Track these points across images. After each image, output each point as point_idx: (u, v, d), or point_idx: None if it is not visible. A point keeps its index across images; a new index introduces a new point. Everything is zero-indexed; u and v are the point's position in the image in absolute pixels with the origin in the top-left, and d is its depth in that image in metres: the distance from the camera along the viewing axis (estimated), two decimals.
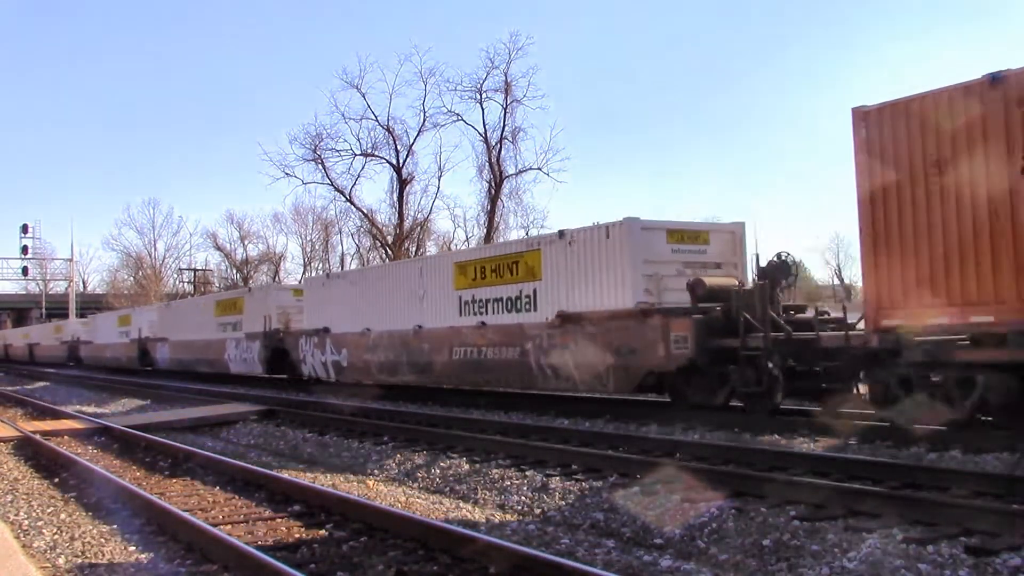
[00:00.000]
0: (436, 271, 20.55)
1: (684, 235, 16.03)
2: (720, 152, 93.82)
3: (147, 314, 42.05)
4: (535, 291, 17.25)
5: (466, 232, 55.30)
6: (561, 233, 16.69)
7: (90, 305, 72.33)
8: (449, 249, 52.10)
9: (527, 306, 17.45)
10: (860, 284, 13.40)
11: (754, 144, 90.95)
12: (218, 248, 74.76)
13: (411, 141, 49.37)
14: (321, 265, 68.79)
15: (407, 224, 50.84)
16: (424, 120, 48.71)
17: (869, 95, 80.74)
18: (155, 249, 79.79)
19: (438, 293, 20.19)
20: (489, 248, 18.67)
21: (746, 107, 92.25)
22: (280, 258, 73.69)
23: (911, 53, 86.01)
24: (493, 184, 48.20)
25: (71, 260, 75.77)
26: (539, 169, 47.51)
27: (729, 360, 13.69)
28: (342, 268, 62.85)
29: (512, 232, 48.27)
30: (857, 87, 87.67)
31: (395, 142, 49.22)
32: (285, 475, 10.17)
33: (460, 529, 7.03)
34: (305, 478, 10.48)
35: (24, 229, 69.24)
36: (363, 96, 49.86)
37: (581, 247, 16.23)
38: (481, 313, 18.76)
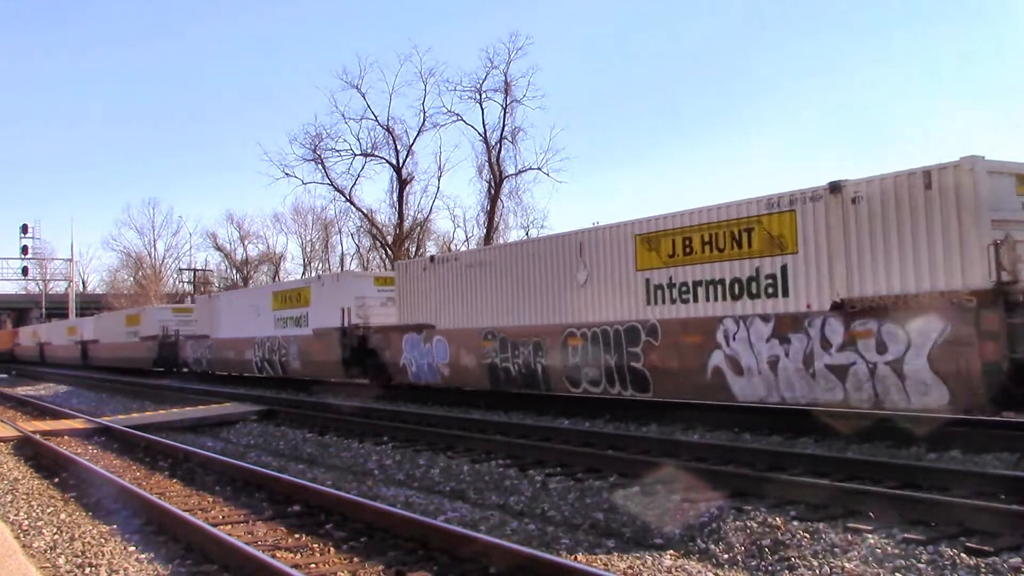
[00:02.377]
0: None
1: None
2: (721, 151, 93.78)
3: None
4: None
5: (466, 232, 55.38)
6: (835, 186, 12.09)
7: (90, 305, 72.35)
8: (449, 249, 52.14)
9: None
10: None
11: (755, 144, 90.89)
12: (218, 248, 74.89)
13: (411, 141, 49.43)
14: (321, 265, 68.85)
15: (407, 224, 50.87)
16: (424, 120, 48.78)
17: (868, 95, 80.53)
18: (155, 249, 79.96)
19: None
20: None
21: (747, 107, 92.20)
22: (280, 258, 73.77)
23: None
24: (493, 184, 48.23)
25: (71, 260, 75.80)
26: (539, 169, 47.58)
27: None
28: (342, 268, 62.92)
29: (512, 232, 48.35)
30: (856, 86, 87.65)
31: (395, 142, 49.28)
32: (285, 475, 10.17)
33: (460, 529, 7.03)
34: (305, 478, 10.47)
35: (24, 229, 69.25)
36: (363, 96, 50.12)
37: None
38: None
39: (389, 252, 50.41)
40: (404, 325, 21.03)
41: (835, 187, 12.12)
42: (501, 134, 47.72)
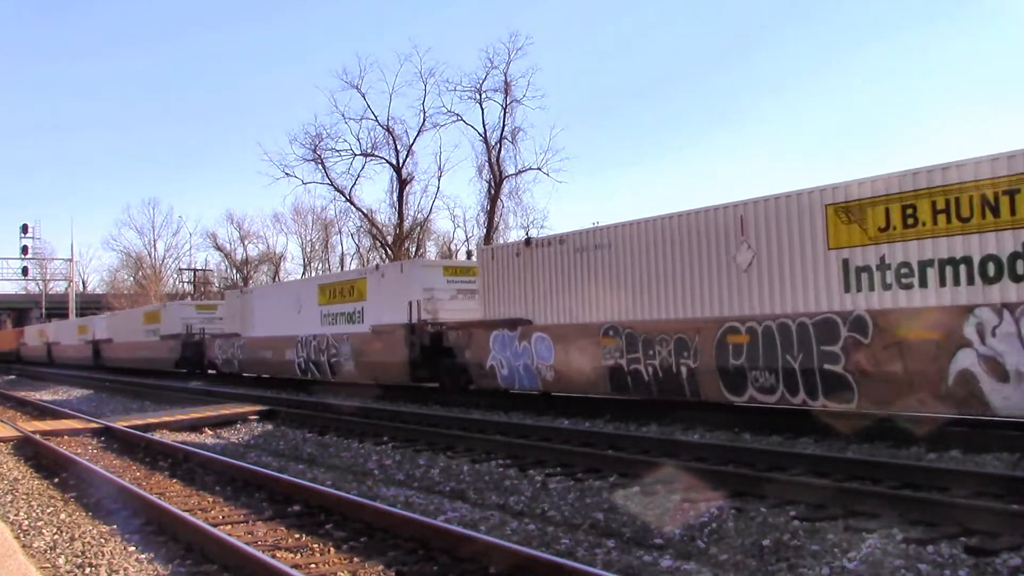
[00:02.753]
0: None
1: None
2: (721, 151, 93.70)
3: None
4: None
5: (466, 232, 55.41)
6: None
7: (90, 305, 72.40)
8: (449, 251, 52.17)
9: None
10: None
11: (755, 143, 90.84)
12: (218, 248, 74.96)
13: (411, 141, 49.49)
14: (321, 265, 68.88)
15: (407, 224, 50.91)
16: (424, 120, 48.85)
17: (864, 93, 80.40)
18: (155, 249, 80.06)
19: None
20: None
21: (747, 106, 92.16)
22: (280, 258, 73.80)
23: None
24: (493, 184, 48.25)
25: (71, 260, 75.88)
26: (539, 169, 47.63)
27: None
28: (342, 268, 62.88)
29: (512, 232, 48.34)
30: (856, 86, 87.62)
31: (395, 142, 49.34)
32: (285, 475, 10.17)
33: (460, 529, 7.03)
34: (305, 478, 10.47)
35: (24, 229, 69.28)
36: (363, 96, 50.12)
37: None
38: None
39: (389, 252, 50.43)
40: (493, 320, 17.82)
41: None
42: (501, 134, 47.81)
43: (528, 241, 17.74)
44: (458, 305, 20.65)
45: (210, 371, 33.66)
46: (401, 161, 49.56)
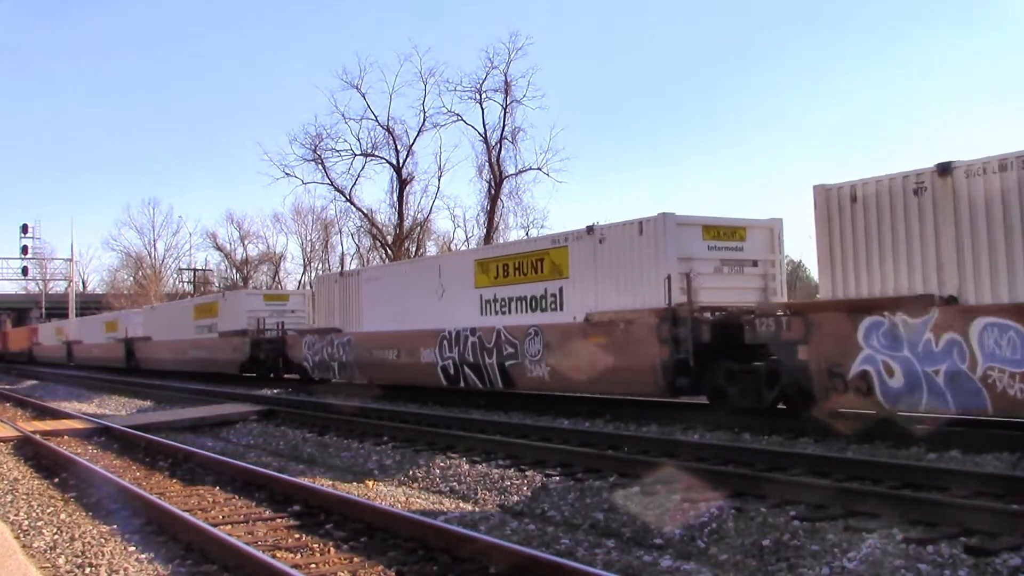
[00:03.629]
0: None
1: None
2: (721, 151, 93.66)
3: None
4: None
5: (466, 232, 55.41)
6: None
7: (90, 305, 72.40)
8: (449, 249, 52.17)
9: None
10: None
11: (755, 143, 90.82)
12: (218, 248, 74.93)
13: (411, 141, 49.48)
14: (321, 265, 68.89)
15: (407, 224, 50.91)
16: (424, 120, 48.83)
17: (864, 90, 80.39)
18: (155, 249, 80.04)
19: None
20: None
21: (746, 107, 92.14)
22: (280, 258, 73.78)
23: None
24: (493, 184, 48.27)
25: (71, 260, 75.83)
26: (539, 169, 47.61)
27: None
28: (342, 269, 62.91)
29: (512, 232, 48.32)
30: (856, 86, 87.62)
31: (395, 142, 49.34)
32: (285, 475, 10.17)
33: (460, 529, 7.03)
34: (305, 478, 10.47)
35: (24, 229, 69.24)
36: (363, 96, 50.01)
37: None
38: None
39: (389, 252, 50.44)
40: (863, 300, 11.55)
41: None
42: (501, 134, 47.80)
43: (946, 167, 10.85)
44: (723, 282, 14.95)
45: (289, 375, 28.11)
46: (401, 161, 49.60)
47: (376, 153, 49.45)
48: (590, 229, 16.15)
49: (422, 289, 20.57)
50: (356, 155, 49.06)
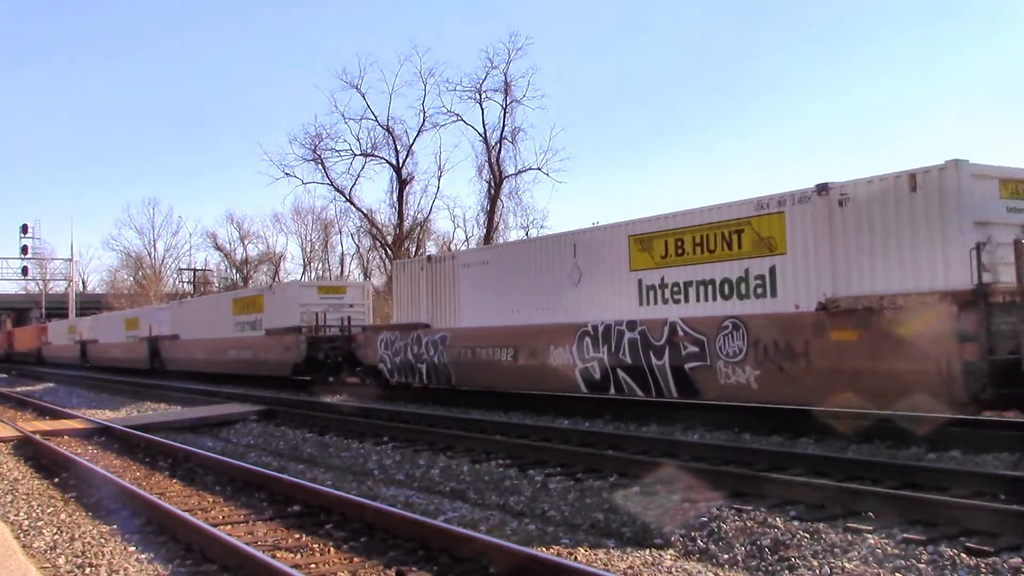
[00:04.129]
0: None
1: None
2: (721, 151, 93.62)
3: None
4: None
5: (466, 232, 55.41)
6: None
7: (90, 305, 72.35)
8: (449, 251, 52.14)
9: None
10: None
11: (756, 143, 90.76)
12: (218, 248, 74.90)
13: (411, 141, 49.52)
14: (321, 265, 68.90)
15: (407, 224, 50.92)
16: (424, 120, 48.88)
17: (865, 92, 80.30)
18: (155, 249, 80.00)
19: None
20: None
21: (747, 106, 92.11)
22: (280, 258, 73.75)
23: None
24: (493, 184, 48.31)
25: (71, 260, 75.84)
26: (539, 169, 47.64)
27: None
28: (342, 268, 62.96)
29: (512, 232, 48.30)
30: (856, 86, 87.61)
31: (395, 142, 49.37)
32: (285, 475, 10.17)
33: (460, 529, 7.03)
34: (305, 478, 10.47)
35: (24, 229, 69.28)
36: (363, 96, 50.21)
37: None
38: None
39: (389, 252, 50.45)
40: None
41: None
42: (501, 134, 47.85)
43: None
44: None
45: (352, 379, 24.79)
46: (401, 161, 49.63)
47: (376, 153, 49.53)
48: (822, 188, 12.29)
49: (548, 274, 16.96)
50: (356, 155, 49.13)
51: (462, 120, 48.86)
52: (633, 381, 14.92)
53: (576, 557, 6.77)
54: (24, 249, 69.75)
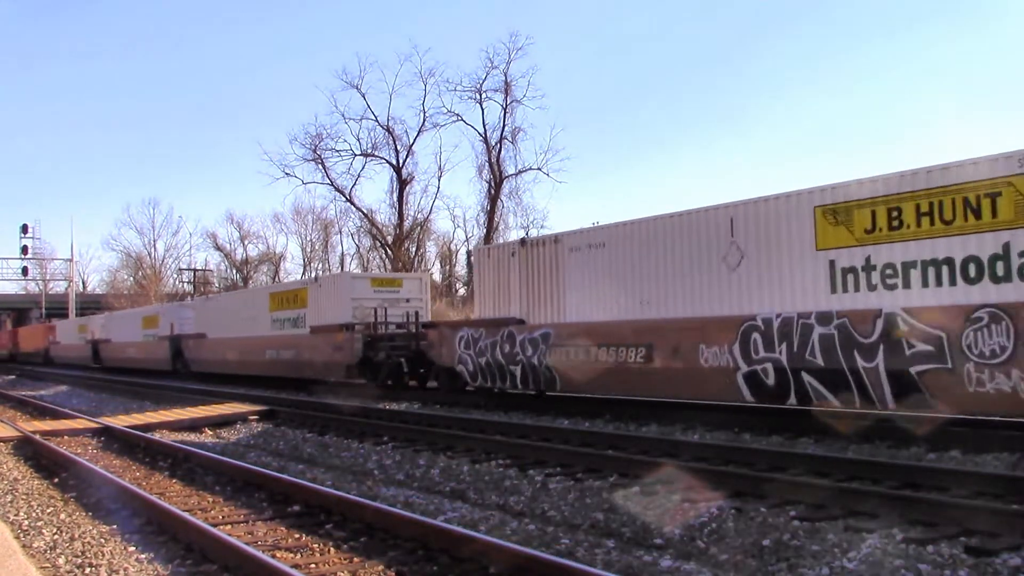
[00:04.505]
0: None
1: None
2: (719, 150, 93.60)
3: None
4: None
5: (466, 232, 55.46)
6: None
7: (90, 305, 72.35)
8: (449, 251, 52.10)
9: None
10: None
11: (756, 143, 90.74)
12: (218, 248, 74.98)
13: (411, 141, 49.61)
14: (321, 265, 68.91)
15: (407, 224, 50.95)
16: (424, 120, 49.00)
17: (866, 92, 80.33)
18: (155, 249, 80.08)
19: None
20: None
21: (747, 106, 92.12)
22: (280, 258, 73.76)
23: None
24: (493, 184, 48.36)
25: (71, 260, 75.88)
26: (539, 169, 47.72)
27: None
28: (342, 269, 62.90)
29: (512, 232, 48.31)
30: (849, 82, 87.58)
31: (395, 142, 49.46)
32: (285, 475, 10.17)
33: (460, 529, 7.03)
34: (305, 478, 10.47)
35: (24, 229, 69.32)
36: (363, 96, 50.32)
37: None
38: None
39: (389, 252, 50.47)
40: None
41: None
42: (501, 134, 47.95)
43: None
44: None
45: (431, 384, 21.83)
46: (401, 161, 49.70)
47: (376, 153, 49.62)
48: None
49: (691, 256, 14.38)
50: (356, 155, 49.23)
51: (462, 120, 49.02)
52: (824, 388, 12.24)
53: (576, 557, 6.76)
54: (24, 249, 69.81)
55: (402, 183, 49.83)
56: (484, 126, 48.42)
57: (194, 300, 39.09)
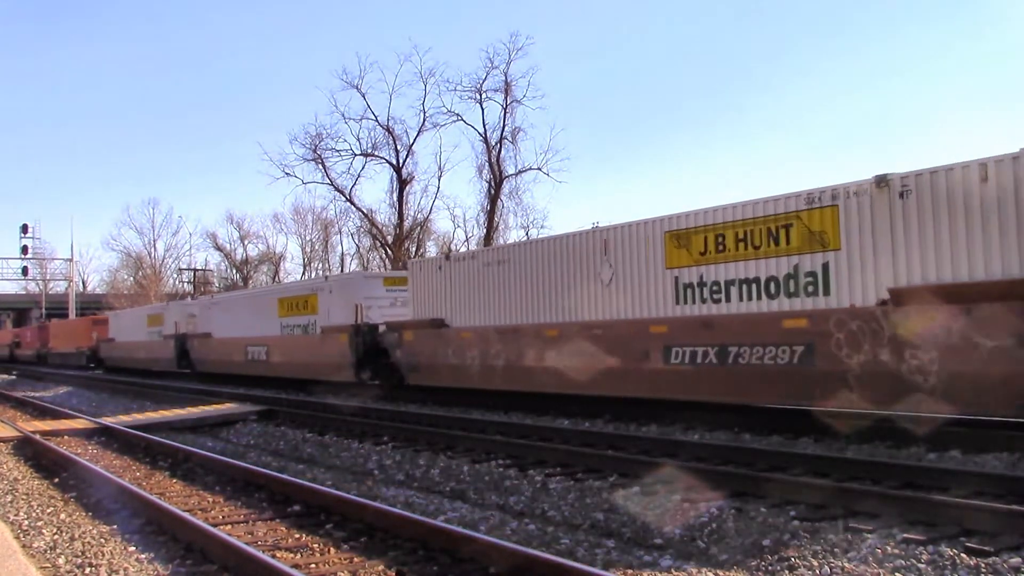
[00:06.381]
0: None
1: None
2: (718, 151, 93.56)
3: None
4: None
5: (466, 232, 55.44)
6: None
7: (90, 305, 72.37)
8: (449, 251, 52.12)
9: None
10: None
11: (756, 144, 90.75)
12: (218, 248, 74.93)
13: (411, 141, 49.54)
14: (321, 265, 68.91)
15: (407, 224, 50.93)
16: (424, 120, 48.91)
17: (867, 94, 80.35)
18: (155, 249, 80.00)
19: None
20: None
21: (747, 106, 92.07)
22: (280, 258, 73.76)
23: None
24: (493, 184, 48.32)
25: (71, 260, 75.87)
26: (539, 169, 47.68)
27: None
28: (342, 269, 62.90)
29: (512, 232, 48.30)
30: (849, 82, 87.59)
31: (395, 142, 49.39)
32: (285, 475, 10.17)
33: (460, 529, 7.03)
34: (305, 478, 10.47)
35: (24, 229, 69.33)
36: (363, 96, 50.12)
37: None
38: None
39: (389, 252, 50.46)
40: None
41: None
42: (501, 134, 47.87)
43: None
44: None
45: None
46: (401, 161, 49.64)
47: (376, 153, 49.55)
48: None
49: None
50: (356, 155, 49.16)
51: (462, 120, 48.93)
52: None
53: (576, 557, 6.77)
54: (24, 249, 69.82)
55: (402, 183, 49.80)
56: (484, 126, 48.40)
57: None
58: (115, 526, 7.99)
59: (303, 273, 69.10)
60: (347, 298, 23.12)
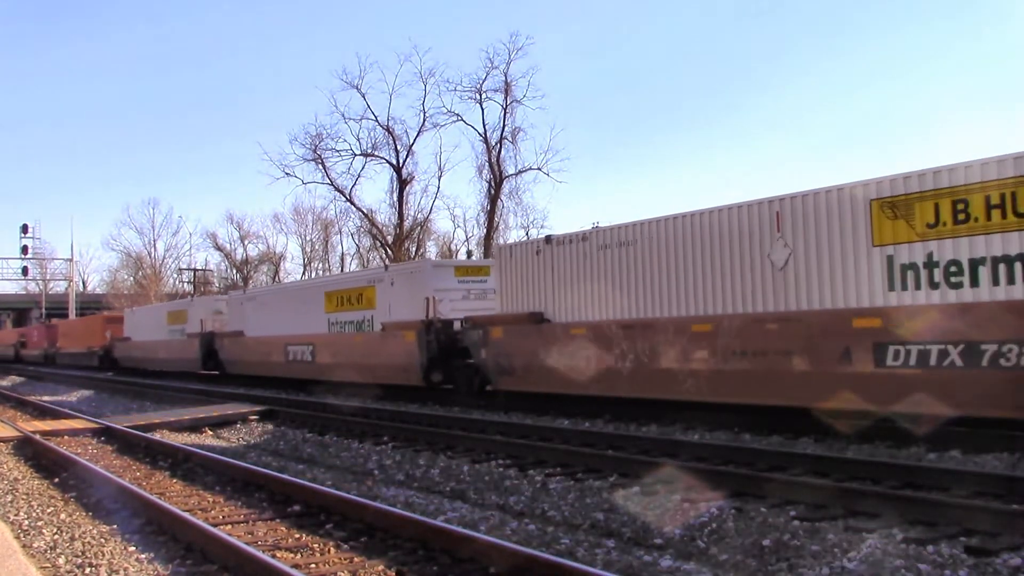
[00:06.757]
0: None
1: None
2: (718, 151, 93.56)
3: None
4: None
5: (466, 232, 55.47)
6: None
7: (90, 305, 72.36)
8: (449, 251, 52.15)
9: None
10: None
11: (757, 144, 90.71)
12: (218, 248, 74.98)
13: (411, 141, 49.57)
14: (321, 265, 68.92)
15: (407, 224, 50.94)
16: (424, 120, 48.96)
17: (856, 86, 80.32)
18: (155, 249, 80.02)
19: None
20: None
21: (747, 106, 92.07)
22: (280, 258, 73.75)
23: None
24: (493, 184, 48.33)
25: (71, 260, 75.89)
26: (539, 169, 47.72)
27: None
28: (342, 269, 62.86)
29: (512, 232, 48.29)
30: (849, 82, 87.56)
31: (395, 142, 49.43)
32: (285, 475, 10.17)
33: (460, 529, 7.02)
34: (305, 478, 10.47)
35: (24, 229, 69.34)
36: (363, 96, 50.22)
37: None
38: None
39: (389, 252, 50.46)
40: None
41: None
42: (501, 134, 47.92)
43: None
44: None
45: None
46: (401, 161, 49.67)
47: (376, 153, 49.59)
48: None
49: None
50: (356, 155, 49.21)
51: (462, 120, 48.98)
52: None
53: (576, 557, 6.76)
54: (24, 249, 69.84)
55: (402, 183, 49.82)
56: (484, 126, 48.44)
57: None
58: (115, 526, 7.99)
59: (303, 273, 69.11)
60: (413, 290, 20.72)
